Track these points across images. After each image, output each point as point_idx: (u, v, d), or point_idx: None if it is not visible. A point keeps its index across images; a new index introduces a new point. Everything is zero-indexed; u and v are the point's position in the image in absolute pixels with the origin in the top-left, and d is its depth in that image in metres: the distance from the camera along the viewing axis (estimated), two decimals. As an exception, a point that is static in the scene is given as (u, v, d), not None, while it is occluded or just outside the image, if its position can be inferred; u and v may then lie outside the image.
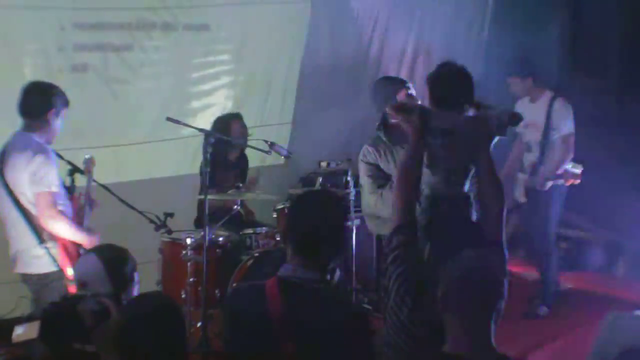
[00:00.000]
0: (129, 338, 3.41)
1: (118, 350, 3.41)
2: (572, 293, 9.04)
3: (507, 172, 8.43)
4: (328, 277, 3.87)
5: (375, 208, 6.15)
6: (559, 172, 8.04)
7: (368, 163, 6.25)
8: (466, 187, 4.75)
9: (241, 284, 6.08)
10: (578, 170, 7.88)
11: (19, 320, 3.79)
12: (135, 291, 4.39)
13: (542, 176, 8.16)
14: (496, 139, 4.46)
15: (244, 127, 8.24)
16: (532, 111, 8.25)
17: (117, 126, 8.66)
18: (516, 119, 4.67)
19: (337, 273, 7.13)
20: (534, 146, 8.35)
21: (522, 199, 8.41)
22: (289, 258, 3.92)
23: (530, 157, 8.40)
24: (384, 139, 6.17)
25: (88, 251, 4.30)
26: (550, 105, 8.25)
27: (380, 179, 6.17)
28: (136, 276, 4.32)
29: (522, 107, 8.40)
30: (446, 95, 4.80)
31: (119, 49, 8.55)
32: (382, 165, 6.21)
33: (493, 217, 4.19)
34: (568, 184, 7.99)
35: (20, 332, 3.41)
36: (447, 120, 4.49)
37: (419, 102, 6.24)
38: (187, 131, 7.66)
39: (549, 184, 8.12)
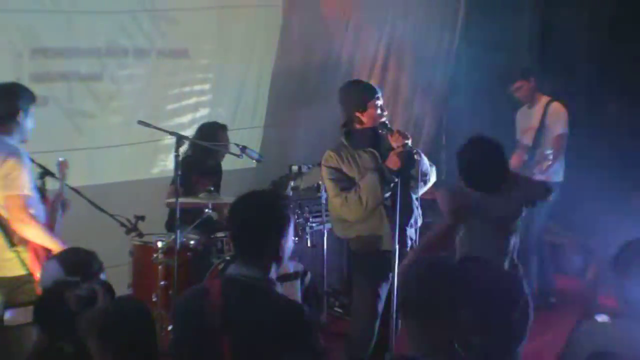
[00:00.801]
0: (112, 327, 3.44)
1: (99, 337, 3.42)
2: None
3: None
4: (271, 275, 3.89)
5: (341, 210, 6.16)
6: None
7: (329, 167, 6.27)
8: None
9: None
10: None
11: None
12: None
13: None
14: None
15: (227, 139, 8.25)
16: (529, 117, 8.78)
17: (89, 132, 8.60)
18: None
19: (308, 276, 7.17)
20: (531, 150, 8.70)
21: None
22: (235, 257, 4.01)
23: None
24: (346, 143, 6.22)
25: (51, 257, 4.26)
26: (545, 109, 8.66)
27: (343, 181, 6.19)
28: (102, 278, 4.24)
29: (522, 114, 8.96)
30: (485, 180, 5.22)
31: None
32: (345, 170, 6.21)
33: None
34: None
35: (11, 316, 3.42)
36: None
37: (385, 113, 6.32)
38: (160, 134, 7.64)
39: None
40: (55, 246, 5.82)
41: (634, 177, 9.23)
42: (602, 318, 4.86)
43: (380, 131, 6.22)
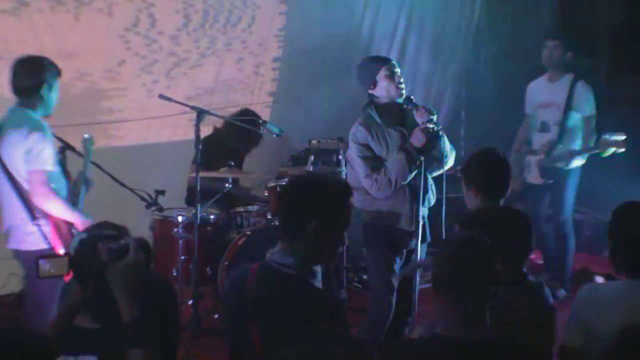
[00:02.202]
0: (139, 283, 3.44)
1: (129, 289, 3.43)
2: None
3: (517, 149, 8.54)
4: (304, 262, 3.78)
5: (370, 190, 6.07)
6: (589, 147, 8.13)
7: (358, 143, 6.14)
8: None
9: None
10: (621, 137, 7.80)
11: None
12: None
13: (567, 153, 8.24)
14: None
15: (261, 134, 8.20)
16: (551, 91, 8.39)
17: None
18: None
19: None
20: (552, 126, 8.33)
21: (537, 180, 8.40)
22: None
23: (545, 138, 8.35)
24: (377, 119, 6.15)
25: (81, 231, 4.22)
26: (573, 86, 8.25)
27: (372, 160, 6.09)
28: None
29: (539, 86, 8.56)
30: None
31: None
32: (372, 146, 6.11)
33: None
34: (607, 154, 7.94)
35: (48, 268, 3.40)
36: None
37: (402, 82, 6.22)
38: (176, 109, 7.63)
39: (575, 161, 8.25)
40: (77, 220, 5.84)
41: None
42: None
43: (405, 106, 6.14)
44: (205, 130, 7.62)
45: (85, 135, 6.39)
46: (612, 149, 7.81)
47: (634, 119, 9.60)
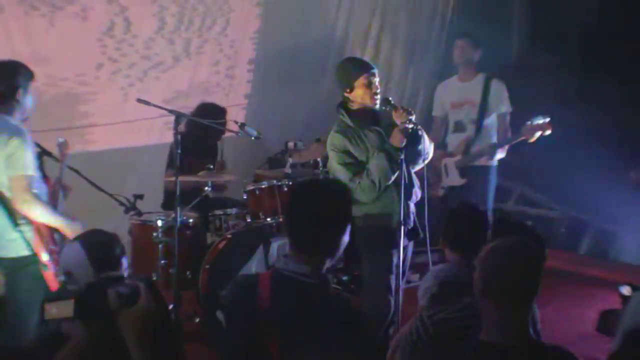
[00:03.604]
0: (151, 325, 3.38)
1: (142, 338, 3.37)
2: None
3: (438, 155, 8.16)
4: (323, 271, 3.77)
5: (354, 194, 6.05)
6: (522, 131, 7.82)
7: (337, 150, 6.12)
8: None
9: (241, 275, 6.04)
10: (546, 119, 7.61)
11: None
12: None
13: (488, 147, 8.08)
14: None
15: (226, 121, 8.16)
16: (463, 90, 8.26)
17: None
18: None
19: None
20: (467, 125, 8.22)
21: (457, 181, 8.22)
22: (288, 248, 3.85)
23: (461, 138, 8.24)
24: (350, 123, 6.14)
25: (74, 239, 4.18)
26: (487, 85, 8.14)
27: (353, 165, 6.08)
28: (124, 262, 4.18)
29: (450, 87, 8.44)
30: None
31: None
32: (352, 151, 6.10)
33: None
34: (534, 139, 7.66)
35: (54, 311, 3.34)
36: None
37: (378, 92, 6.19)
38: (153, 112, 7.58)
39: (498, 154, 8.08)
40: (61, 225, 5.79)
41: (630, 152, 9.23)
42: (626, 290, 4.93)
43: (383, 107, 6.12)
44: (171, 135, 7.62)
45: (60, 140, 6.33)
46: (539, 133, 7.60)
47: (603, 116, 9.68)
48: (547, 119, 7.60)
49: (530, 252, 3.51)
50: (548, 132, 7.62)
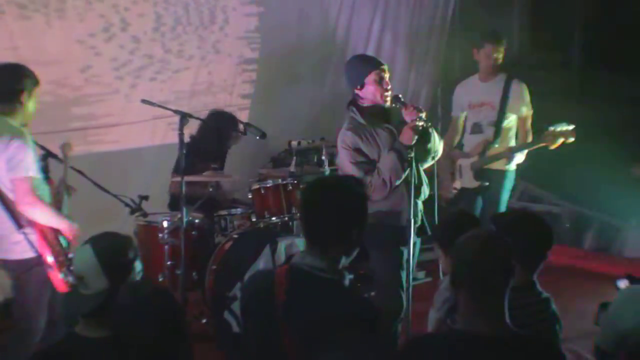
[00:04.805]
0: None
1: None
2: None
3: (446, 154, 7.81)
4: (340, 267, 3.79)
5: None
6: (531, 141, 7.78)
7: (348, 148, 6.12)
8: None
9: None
10: (570, 126, 7.38)
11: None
12: None
13: (506, 150, 7.85)
14: None
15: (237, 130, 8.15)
16: (483, 91, 8.01)
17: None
18: None
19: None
20: (485, 127, 7.97)
21: (471, 183, 7.99)
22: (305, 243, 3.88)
23: (477, 139, 8.00)
24: (362, 121, 6.14)
25: (85, 242, 4.13)
26: (507, 86, 7.88)
27: (365, 164, 6.08)
28: (137, 266, 4.10)
29: (470, 87, 8.20)
30: None
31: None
32: (364, 149, 6.09)
33: None
34: (556, 145, 7.44)
35: None
36: None
37: (389, 88, 6.18)
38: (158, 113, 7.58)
39: (516, 158, 7.86)
40: (64, 226, 5.79)
41: (632, 147, 9.23)
42: (624, 283, 4.90)
43: (393, 104, 6.13)
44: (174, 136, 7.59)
45: (63, 141, 6.31)
46: (561, 140, 7.40)
47: (606, 112, 9.68)
48: (572, 127, 7.38)
49: (498, 243, 3.56)
50: (572, 139, 7.41)
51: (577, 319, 7.04)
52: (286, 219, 7.48)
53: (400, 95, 6.15)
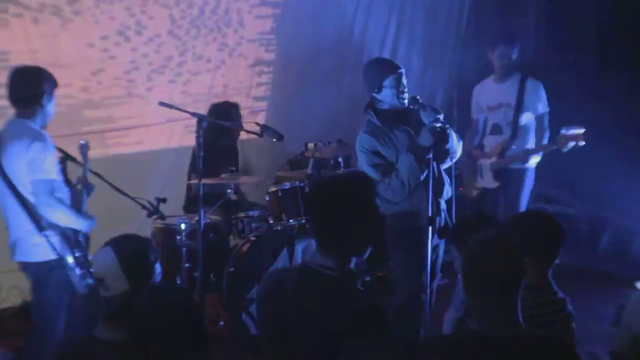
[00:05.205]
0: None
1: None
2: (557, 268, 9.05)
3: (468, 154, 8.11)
4: (350, 266, 3.81)
5: (384, 194, 6.08)
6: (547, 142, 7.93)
7: (366, 151, 6.18)
8: None
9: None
10: (580, 130, 7.57)
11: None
12: None
13: (523, 152, 8.00)
14: None
15: (240, 117, 8.21)
16: (499, 92, 8.13)
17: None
18: None
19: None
20: (504, 127, 8.10)
21: (491, 183, 8.14)
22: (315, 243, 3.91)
23: (497, 139, 8.14)
24: (379, 123, 6.17)
25: (105, 244, 4.15)
26: (522, 85, 8.02)
27: (383, 166, 6.13)
28: (157, 268, 4.12)
29: (486, 88, 8.31)
30: None
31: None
32: (382, 151, 6.15)
33: None
34: (567, 147, 7.62)
35: None
36: None
37: (406, 91, 6.21)
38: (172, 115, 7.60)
39: (532, 159, 8.02)
40: (85, 227, 5.83)
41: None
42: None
43: (410, 106, 6.16)
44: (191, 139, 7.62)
45: (81, 142, 6.33)
46: (572, 144, 7.58)
47: (621, 113, 9.66)
48: (582, 130, 7.54)
49: (507, 242, 3.57)
50: (582, 143, 7.57)
51: (594, 321, 7.06)
52: (303, 221, 7.47)
53: (417, 97, 6.18)
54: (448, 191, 6.31)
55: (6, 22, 7.88)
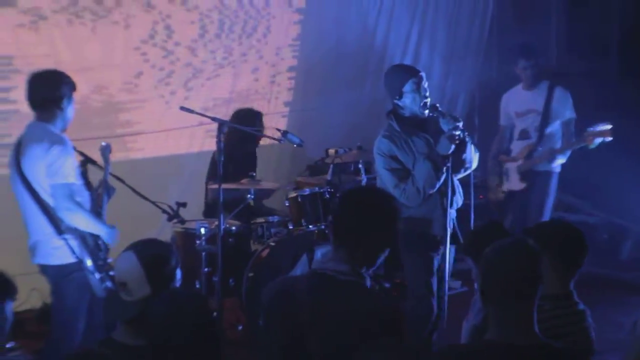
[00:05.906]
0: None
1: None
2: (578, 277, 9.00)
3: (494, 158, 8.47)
4: (362, 271, 3.82)
5: (400, 199, 6.08)
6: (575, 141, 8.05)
7: (384, 155, 6.20)
8: None
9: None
10: (607, 126, 7.74)
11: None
12: None
13: (548, 152, 8.17)
14: None
15: (263, 125, 8.22)
16: (528, 99, 8.31)
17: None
18: None
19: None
20: (532, 133, 8.27)
21: (518, 186, 8.31)
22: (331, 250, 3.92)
23: (524, 144, 8.32)
24: (398, 128, 6.17)
25: (128, 248, 4.15)
26: (550, 93, 8.20)
27: (399, 171, 6.14)
28: (178, 274, 4.15)
29: (515, 96, 8.46)
30: None
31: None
32: (399, 156, 6.16)
33: None
34: (594, 143, 7.79)
35: None
36: None
37: (428, 96, 6.22)
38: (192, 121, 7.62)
39: (557, 160, 8.18)
40: (103, 232, 5.84)
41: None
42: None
43: (431, 114, 6.16)
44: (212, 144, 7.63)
45: (103, 144, 6.34)
46: (600, 140, 7.74)
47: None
48: (609, 126, 7.71)
49: (525, 250, 3.55)
50: (609, 139, 7.73)
51: (613, 331, 7.00)
52: (323, 227, 7.48)
53: (437, 105, 6.18)
54: (458, 201, 6.33)
55: (33, 26, 7.91)
